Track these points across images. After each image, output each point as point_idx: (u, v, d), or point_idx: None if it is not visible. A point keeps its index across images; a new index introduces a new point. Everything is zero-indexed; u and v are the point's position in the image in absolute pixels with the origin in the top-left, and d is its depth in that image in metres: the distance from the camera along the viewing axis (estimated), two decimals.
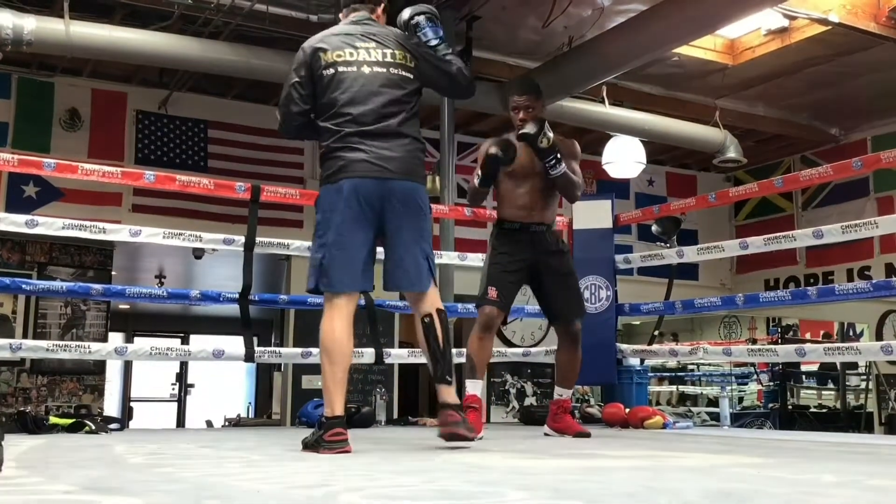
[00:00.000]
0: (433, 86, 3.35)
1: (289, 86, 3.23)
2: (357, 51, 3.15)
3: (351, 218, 3.06)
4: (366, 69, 3.13)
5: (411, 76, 3.20)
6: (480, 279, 4.10)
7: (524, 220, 4.09)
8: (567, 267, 4.18)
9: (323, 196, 3.14)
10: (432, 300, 3.22)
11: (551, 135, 3.89)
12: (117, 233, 4.61)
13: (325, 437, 2.89)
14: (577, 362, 4.24)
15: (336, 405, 2.98)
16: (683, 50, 7.60)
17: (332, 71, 3.13)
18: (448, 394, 3.12)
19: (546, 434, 4.24)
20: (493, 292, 3.99)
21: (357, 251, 3.08)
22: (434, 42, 3.27)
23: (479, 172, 3.96)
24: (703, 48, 7.92)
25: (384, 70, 3.15)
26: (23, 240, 8.03)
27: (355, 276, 3.09)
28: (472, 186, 4.07)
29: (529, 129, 3.86)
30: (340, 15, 3.39)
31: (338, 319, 3.07)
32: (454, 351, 5.60)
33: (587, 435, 4.07)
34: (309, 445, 3.00)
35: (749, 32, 7.84)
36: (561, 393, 4.30)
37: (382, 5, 3.37)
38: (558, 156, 3.92)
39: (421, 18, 3.28)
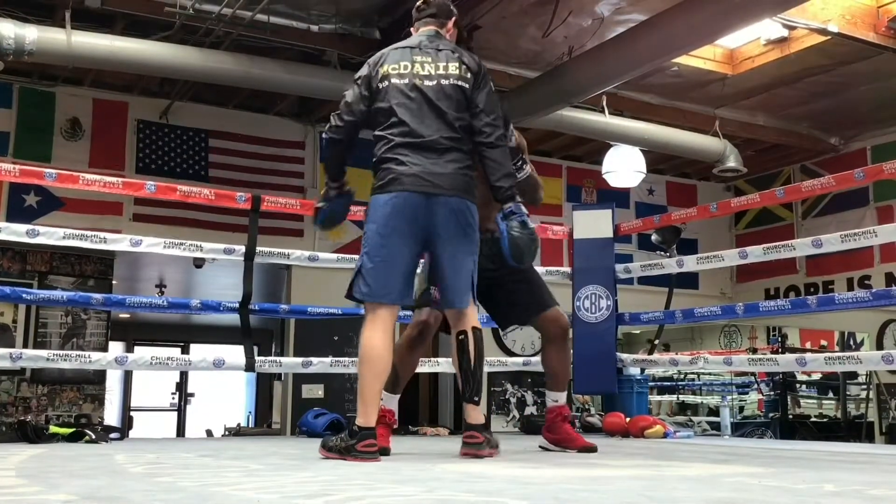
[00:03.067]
0: (471, 104, 3.25)
1: (348, 94, 3.31)
2: (413, 64, 3.22)
3: (396, 230, 3.10)
4: (418, 81, 3.19)
5: (466, 85, 3.22)
6: (420, 280, 3.55)
7: None
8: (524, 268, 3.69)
9: (371, 207, 3.18)
10: (469, 318, 3.23)
11: (515, 135, 3.72)
12: (118, 242, 4.62)
13: (359, 447, 2.95)
14: (568, 360, 3.93)
15: (371, 416, 3.03)
16: (683, 60, 7.61)
17: (386, 83, 3.20)
18: (474, 415, 3.16)
19: (542, 447, 3.87)
20: (436, 293, 3.40)
21: (400, 264, 3.13)
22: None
23: None
24: (703, 58, 7.93)
25: (435, 82, 3.19)
26: (23, 249, 8.03)
27: (396, 288, 3.12)
28: None
29: None
30: (412, 30, 3.46)
31: (381, 330, 3.10)
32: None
33: (593, 449, 3.70)
34: (335, 449, 3.02)
35: (748, 42, 7.86)
36: (556, 399, 3.81)
37: (453, 19, 3.44)
38: (523, 156, 3.73)
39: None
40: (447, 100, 3.19)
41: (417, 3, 3.46)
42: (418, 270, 3.33)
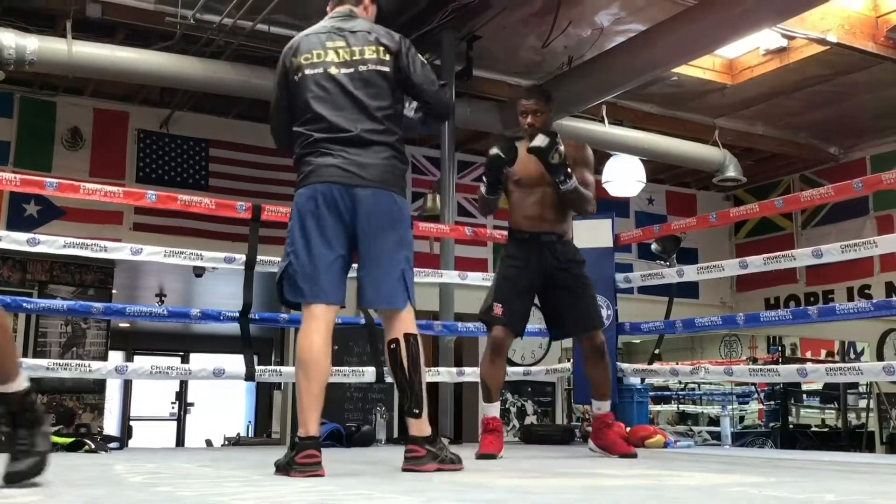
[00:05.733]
0: (408, 85, 3.05)
1: (273, 94, 3.16)
2: (326, 52, 2.98)
3: (319, 225, 2.88)
4: (333, 70, 2.96)
5: (387, 69, 2.98)
6: (488, 291, 3.99)
7: (534, 230, 3.97)
8: (583, 278, 4.01)
9: (294, 204, 2.97)
10: (404, 323, 2.96)
11: (562, 149, 3.80)
12: (118, 251, 4.62)
13: (297, 460, 2.67)
14: (608, 372, 4.09)
15: (310, 424, 2.76)
16: (682, 69, 7.63)
17: (300, 74, 2.99)
18: (415, 427, 2.92)
19: (591, 450, 4.16)
20: (498, 309, 3.86)
21: (325, 260, 2.88)
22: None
23: (485, 178, 3.91)
24: (702, 68, 7.96)
25: (352, 70, 2.96)
26: (24, 258, 8.04)
27: (328, 287, 2.88)
28: (480, 194, 3.98)
29: (539, 142, 3.77)
30: (328, 8, 3.21)
31: (315, 332, 2.85)
32: (454, 370, 5.59)
33: (633, 456, 3.93)
34: (281, 467, 2.75)
35: (748, 52, 7.89)
36: (599, 406, 4.09)
37: None
38: (569, 170, 3.83)
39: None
40: (366, 88, 2.95)
41: None
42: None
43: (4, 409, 2.26)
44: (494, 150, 3.81)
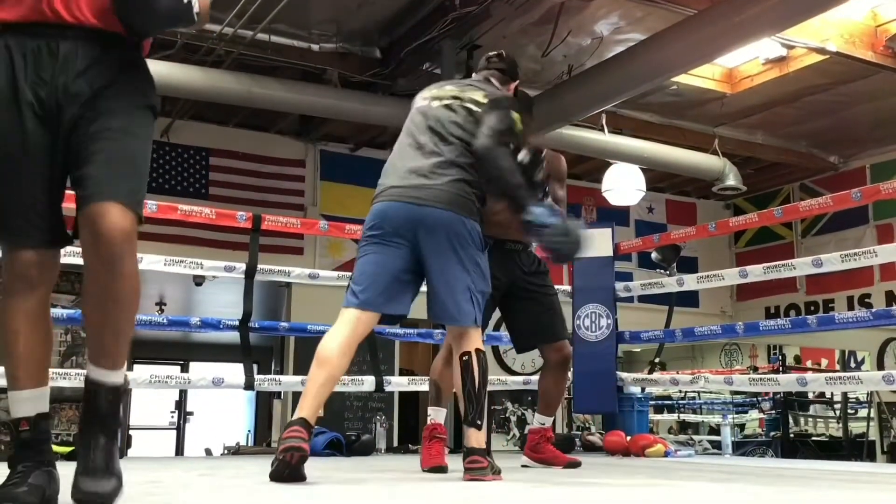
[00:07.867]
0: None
1: None
2: (439, 89, 3.29)
3: (378, 239, 3.05)
4: (434, 103, 3.22)
5: (478, 109, 3.15)
6: None
7: (498, 237, 3.76)
8: (548, 287, 3.94)
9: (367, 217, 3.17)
10: (472, 340, 3.07)
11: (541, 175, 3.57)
12: None
13: (283, 436, 2.73)
14: (563, 388, 4.14)
15: (303, 408, 2.81)
16: (682, 78, 7.64)
17: (412, 109, 3.29)
18: (475, 439, 2.99)
19: (524, 465, 4.04)
20: None
21: (379, 273, 3.01)
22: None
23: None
24: (702, 77, 7.97)
25: (447, 103, 3.19)
26: None
27: (370, 295, 3.00)
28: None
29: (522, 157, 3.56)
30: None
31: (338, 331, 2.97)
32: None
33: (578, 464, 3.95)
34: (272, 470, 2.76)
35: (747, 61, 7.90)
36: (543, 421, 4.07)
37: (514, 84, 3.46)
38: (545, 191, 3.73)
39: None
40: (450, 122, 3.12)
41: (490, 54, 3.49)
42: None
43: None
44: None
